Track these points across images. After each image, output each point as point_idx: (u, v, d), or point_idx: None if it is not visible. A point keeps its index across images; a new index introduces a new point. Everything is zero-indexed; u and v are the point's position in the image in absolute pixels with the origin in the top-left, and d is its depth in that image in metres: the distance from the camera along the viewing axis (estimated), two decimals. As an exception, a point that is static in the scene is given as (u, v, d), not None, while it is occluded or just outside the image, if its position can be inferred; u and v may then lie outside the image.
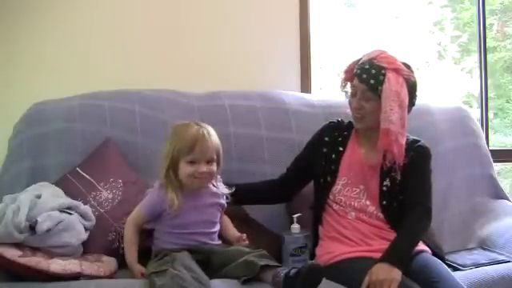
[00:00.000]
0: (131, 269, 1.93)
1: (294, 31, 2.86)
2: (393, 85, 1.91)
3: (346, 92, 2.06)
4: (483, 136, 2.68)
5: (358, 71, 1.97)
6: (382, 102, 1.92)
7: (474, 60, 3.47)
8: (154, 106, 2.42)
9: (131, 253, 1.95)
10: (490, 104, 3.29)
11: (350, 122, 2.11)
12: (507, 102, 3.92)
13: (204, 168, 1.92)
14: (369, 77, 1.94)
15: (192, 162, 1.92)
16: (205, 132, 1.94)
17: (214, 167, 1.95)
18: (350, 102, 2.03)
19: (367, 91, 1.95)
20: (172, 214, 1.92)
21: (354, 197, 2.02)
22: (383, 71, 1.93)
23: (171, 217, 1.93)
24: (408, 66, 1.99)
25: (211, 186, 2.01)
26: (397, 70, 1.93)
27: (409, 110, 2.00)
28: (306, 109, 2.52)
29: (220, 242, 2.00)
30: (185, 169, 1.92)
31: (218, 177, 2.04)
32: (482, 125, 2.98)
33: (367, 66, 1.95)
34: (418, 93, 2.02)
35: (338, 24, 3.44)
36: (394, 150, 1.93)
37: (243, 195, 2.11)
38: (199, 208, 1.97)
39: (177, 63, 2.74)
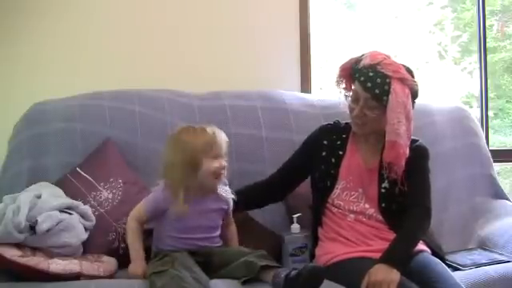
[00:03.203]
0: (136, 265, 1.88)
1: (293, 31, 2.86)
2: (399, 96, 1.87)
3: (347, 97, 2.02)
4: (483, 136, 2.68)
5: (362, 78, 1.92)
6: (388, 114, 1.88)
7: (474, 60, 3.47)
8: (154, 105, 2.42)
9: (137, 248, 1.90)
10: (490, 104, 3.29)
11: (346, 123, 2.09)
12: (507, 102, 3.92)
13: (224, 162, 1.93)
14: (373, 86, 1.89)
15: (215, 158, 1.90)
16: (214, 129, 1.95)
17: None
18: (350, 108, 1.99)
19: (371, 100, 1.91)
20: (177, 215, 1.89)
21: (352, 201, 2.01)
22: (388, 80, 1.88)
23: (174, 219, 1.91)
24: (410, 72, 1.96)
25: (219, 189, 1.99)
26: (402, 80, 1.89)
27: None
28: (305, 109, 2.52)
29: (220, 244, 2.00)
30: (209, 165, 1.89)
31: (225, 180, 2.02)
32: (482, 125, 2.97)
33: (371, 74, 1.90)
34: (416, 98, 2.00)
35: (337, 24, 3.44)
36: (401, 162, 1.91)
37: (236, 202, 2.05)
38: (203, 213, 1.95)
39: (177, 63, 2.74)
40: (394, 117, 1.87)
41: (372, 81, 1.89)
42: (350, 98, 2.00)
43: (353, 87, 1.98)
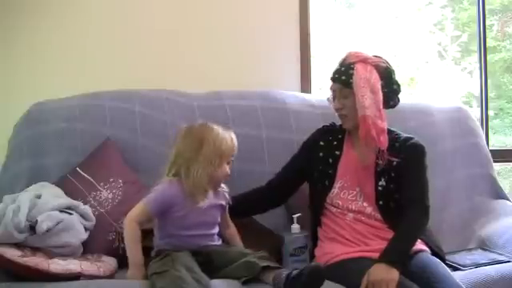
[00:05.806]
0: (136, 270, 1.84)
1: (294, 31, 2.86)
2: (361, 73, 1.96)
3: (328, 99, 2.09)
4: (483, 136, 2.68)
5: (332, 75, 2.04)
6: (355, 92, 1.96)
7: (474, 60, 3.47)
8: (154, 105, 2.42)
9: (137, 252, 1.86)
10: (490, 104, 3.29)
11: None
12: (507, 102, 3.92)
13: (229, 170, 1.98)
14: (340, 75, 2.00)
15: (228, 163, 1.96)
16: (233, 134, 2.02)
17: None
18: (334, 108, 2.06)
19: (343, 89, 2.00)
20: (187, 209, 1.90)
21: (351, 199, 2.02)
22: (352, 65, 1.99)
23: (177, 216, 1.90)
24: (379, 57, 2.04)
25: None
26: (364, 60, 1.99)
27: (392, 99, 2.03)
28: (306, 109, 2.52)
29: (220, 242, 2.00)
30: (224, 168, 1.95)
31: None
32: (481, 125, 2.97)
33: (338, 67, 2.03)
34: (397, 79, 2.05)
35: (337, 24, 3.44)
36: (373, 134, 1.93)
37: (236, 208, 2.06)
38: (205, 209, 1.94)
39: (177, 63, 2.74)
40: (359, 93, 1.95)
41: (339, 72, 2.02)
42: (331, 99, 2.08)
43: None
